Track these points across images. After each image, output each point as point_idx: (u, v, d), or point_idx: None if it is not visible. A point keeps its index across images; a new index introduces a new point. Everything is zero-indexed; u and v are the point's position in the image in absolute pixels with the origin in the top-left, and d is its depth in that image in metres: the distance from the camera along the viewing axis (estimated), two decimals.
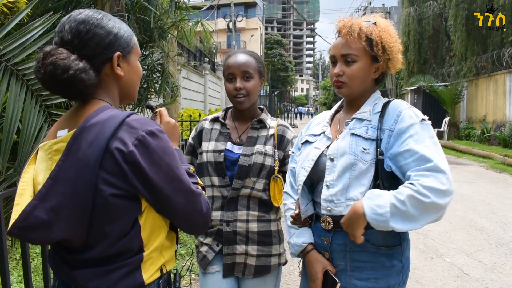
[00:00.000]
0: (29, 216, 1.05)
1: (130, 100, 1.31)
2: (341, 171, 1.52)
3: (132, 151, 1.06)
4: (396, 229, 1.38)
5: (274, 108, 34.27)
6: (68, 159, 1.06)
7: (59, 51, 1.10)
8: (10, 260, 3.39)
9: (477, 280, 3.89)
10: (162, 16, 4.85)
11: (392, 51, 1.55)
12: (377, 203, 1.38)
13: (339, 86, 1.61)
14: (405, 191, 1.37)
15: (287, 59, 47.68)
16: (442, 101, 18.01)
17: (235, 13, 31.63)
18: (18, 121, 2.70)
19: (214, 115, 2.05)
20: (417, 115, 1.49)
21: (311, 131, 1.76)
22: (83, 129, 1.07)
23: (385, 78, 1.67)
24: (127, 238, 1.13)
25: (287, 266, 3.77)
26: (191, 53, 19.64)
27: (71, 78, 1.08)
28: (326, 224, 1.59)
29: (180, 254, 4.16)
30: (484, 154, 12.31)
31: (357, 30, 1.54)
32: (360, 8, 36.65)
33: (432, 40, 21.41)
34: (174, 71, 5.86)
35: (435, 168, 1.37)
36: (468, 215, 6.09)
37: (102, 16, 1.18)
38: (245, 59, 1.91)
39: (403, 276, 1.58)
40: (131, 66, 1.24)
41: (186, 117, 11.63)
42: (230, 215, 1.89)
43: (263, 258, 1.90)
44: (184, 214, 1.19)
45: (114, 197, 1.08)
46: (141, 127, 1.10)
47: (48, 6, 3.70)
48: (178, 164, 1.15)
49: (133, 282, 1.14)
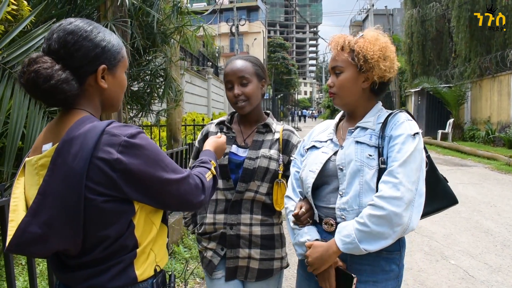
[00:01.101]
0: (24, 232, 1.07)
1: (112, 110, 1.33)
2: (350, 178, 1.57)
3: (118, 158, 1.08)
4: (369, 250, 1.48)
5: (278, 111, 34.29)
6: (54, 174, 1.08)
7: (44, 60, 1.11)
8: (16, 265, 3.40)
9: (482, 282, 3.87)
10: (164, 21, 4.88)
11: (372, 59, 1.60)
12: (344, 234, 1.51)
13: (332, 97, 1.72)
14: (364, 211, 1.50)
15: (290, 62, 47.74)
16: (446, 103, 17.95)
17: (237, 17, 31.74)
18: (22, 127, 2.72)
19: (220, 119, 2.07)
20: (411, 128, 1.57)
21: (317, 138, 1.81)
22: (65, 142, 1.09)
23: (385, 88, 1.72)
24: (123, 238, 1.16)
25: (291, 270, 3.76)
26: (194, 57, 19.71)
27: (52, 88, 1.10)
28: (328, 226, 1.63)
29: (185, 258, 4.17)
30: (489, 155, 12.25)
31: (341, 44, 1.66)
32: (363, 11, 36.64)
33: (436, 42, 21.37)
34: (177, 76, 5.89)
35: (398, 177, 1.47)
36: (473, 217, 6.06)
37: (92, 28, 1.19)
38: (240, 64, 1.92)
39: (398, 280, 1.63)
40: (115, 78, 1.26)
41: (189, 121, 11.64)
42: (234, 219, 1.90)
43: (265, 262, 1.91)
44: (180, 199, 1.23)
45: (106, 203, 1.10)
46: (121, 132, 1.12)
47: (51, 13, 3.73)
48: (162, 157, 1.19)
49: (126, 278, 1.18)
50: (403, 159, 1.48)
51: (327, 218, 1.63)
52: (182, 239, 4.62)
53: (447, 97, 17.73)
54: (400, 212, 1.44)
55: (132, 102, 5.02)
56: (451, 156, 13.33)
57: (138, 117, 5.24)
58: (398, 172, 1.47)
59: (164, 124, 6.89)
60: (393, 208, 1.44)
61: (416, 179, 1.49)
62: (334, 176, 1.63)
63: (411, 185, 1.47)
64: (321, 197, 1.68)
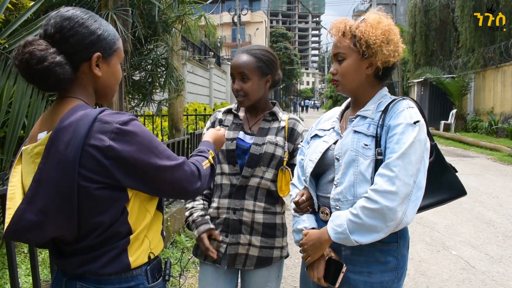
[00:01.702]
0: (20, 219, 1.09)
1: (105, 101, 1.34)
2: (345, 167, 1.55)
3: (110, 145, 1.09)
4: (360, 242, 1.46)
5: (280, 101, 34.23)
6: (48, 161, 1.09)
7: (39, 42, 1.13)
8: (18, 253, 3.42)
9: (483, 272, 3.88)
10: (166, 10, 4.85)
11: (375, 44, 1.55)
12: (336, 223, 1.50)
13: (335, 84, 1.67)
14: (358, 203, 1.47)
15: (292, 52, 47.49)
16: (449, 93, 17.88)
17: (239, 6, 31.54)
18: (24, 116, 2.72)
19: (228, 107, 2.10)
20: (411, 116, 1.51)
21: (321, 126, 1.79)
22: (58, 130, 1.10)
23: (389, 73, 1.68)
24: (116, 224, 1.17)
25: (293, 259, 3.77)
26: (196, 47, 19.62)
27: (45, 70, 1.11)
28: (324, 215, 1.63)
29: (186, 247, 4.19)
30: (491, 146, 12.23)
31: (343, 29, 1.61)
32: (366, 0, 36.35)
33: (439, 32, 21.22)
34: (178, 65, 5.86)
35: (394, 170, 1.43)
36: (475, 208, 6.06)
37: (89, 17, 1.20)
38: (243, 60, 1.92)
39: (397, 273, 1.59)
40: (110, 68, 1.26)
41: (191, 111, 11.66)
42: (238, 204, 1.91)
43: (265, 250, 1.92)
44: (175, 186, 1.23)
45: (100, 190, 1.11)
46: (113, 120, 1.12)
47: (52, 2, 3.71)
48: (156, 144, 1.19)
49: (119, 264, 1.19)
50: (402, 151, 1.43)
51: (323, 207, 1.63)
52: (184, 228, 4.64)
53: (450, 88, 17.65)
54: (394, 206, 1.41)
55: (134, 92, 5.00)
56: (454, 147, 13.31)
57: (140, 106, 5.23)
58: (395, 165, 1.43)
59: (165, 114, 6.88)
60: (387, 203, 1.40)
61: (415, 171, 1.45)
62: (332, 165, 1.61)
63: (408, 179, 1.42)
64: (320, 186, 1.68)
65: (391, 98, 1.63)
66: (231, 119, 2.04)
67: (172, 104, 6.00)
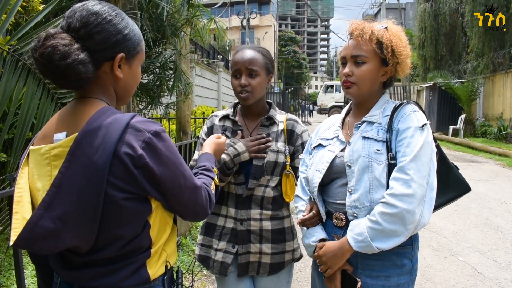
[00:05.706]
0: (35, 226, 1.00)
1: (123, 102, 1.26)
2: (359, 174, 1.54)
3: (141, 155, 1.05)
4: (382, 248, 1.46)
5: (288, 105, 34.19)
6: (72, 166, 1.01)
7: (62, 36, 1.04)
8: (25, 255, 3.45)
9: (491, 279, 3.84)
10: (174, 14, 4.88)
11: (401, 55, 1.58)
12: (356, 232, 1.49)
13: (348, 86, 1.63)
14: (376, 209, 1.47)
15: (301, 56, 47.49)
16: (458, 98, 17.73)
17: (248, 10, 31.62)
18: (33, 118, 2.75)
19: (223, 113, 2.04)
20: (418, 120, 1.53)
21: (322, 135, 1.78)
22: (86, 133, 1.03)
23: (392, 82, 1.71)
24: (138, 239, 1.13)
25: (299, 263, 3.76)
26: (205, 50, 19.71)
27: (67, 67, 1.03)
28: (338, 221, 1.62)
29: (192, 250, 4.19)
30: (500, 152, 12.09)
31: (368, 33, 1.59)
32: (375, 4, 36.27)
33: (449, 36, 21.11)
34: (187, 69, 5.89)
35: (409, 173, 1.44)
36: (483, 214, 6.00)
37: (116, 14, 1.13)
38: (251, 55, 1.88)
39: (412, 275, 1.60)
40: (131, 70, 1.20)
41: (199, 114, 11.67)
42: (244, 214, 1.89)
43: (277, 256, 1.91)
44: (188, 207, 1.22)
45: (126, 201, 1.06)
46: (146, 128, 1.08)
47: (61, 5, 3.75)
48: (181, 161, 1.17)
49: (139, 278, 1.15)
50: (413, 154, 1.45)
51: (337, 213, 1.62)
52: (190, 231, 4.65)
53: (459, 93, 17.50)
54: (412, 209, 1.42)
55: (142, 95, 5.04)
56: (462, 152, 13.20)
57: (148, 109, 5.26)
58: (409, 168, 1.44)
59: (173, 117, 6.90)
60: (405, 206, 1.41)
61: (427, 172, 1.46)
62: (342, 172, 1.61)
63: (422, 180, 1.44)
64: (330, 193, 1.66)
65: (393, 103, 1.64)
66: (230, 126, 1.99)
67: (179, 107, 6.02)
